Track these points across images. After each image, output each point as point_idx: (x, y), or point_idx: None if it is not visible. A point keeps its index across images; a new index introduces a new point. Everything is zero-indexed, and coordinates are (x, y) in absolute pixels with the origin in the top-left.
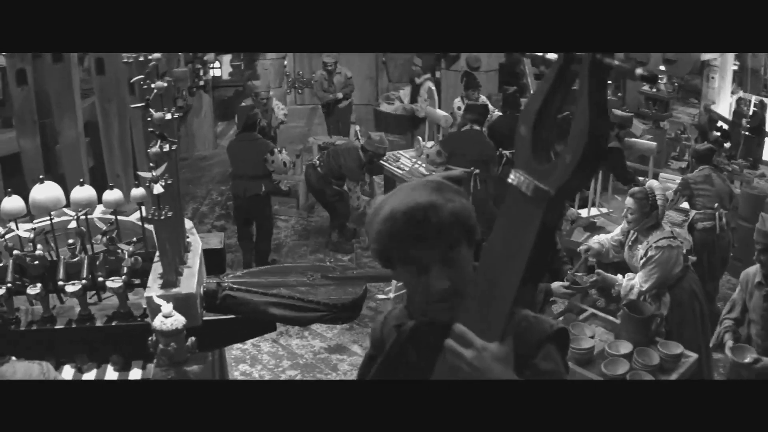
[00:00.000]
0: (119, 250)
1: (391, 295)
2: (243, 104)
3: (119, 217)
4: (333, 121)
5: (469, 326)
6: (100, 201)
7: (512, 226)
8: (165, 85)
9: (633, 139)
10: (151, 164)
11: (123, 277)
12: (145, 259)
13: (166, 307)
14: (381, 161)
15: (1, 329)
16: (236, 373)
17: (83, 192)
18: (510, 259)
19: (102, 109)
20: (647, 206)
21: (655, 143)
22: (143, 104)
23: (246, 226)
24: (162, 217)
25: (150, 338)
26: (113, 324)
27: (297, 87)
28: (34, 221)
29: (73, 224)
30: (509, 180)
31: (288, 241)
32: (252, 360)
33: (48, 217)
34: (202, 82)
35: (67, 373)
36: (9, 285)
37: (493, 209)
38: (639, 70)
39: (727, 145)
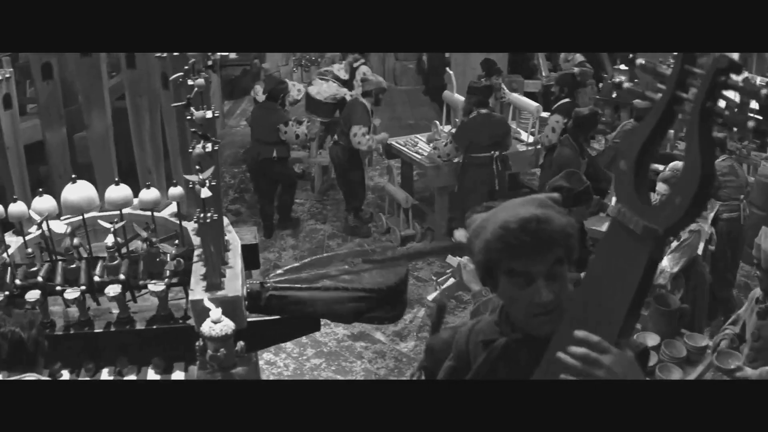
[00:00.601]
0: (161, 252)
1: (444, 286)
2: (271, 74)
3: (145, 212)
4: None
5: (569, 343)
6: None
7: (617, 258)
8: (204, 83)
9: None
10: (197, 166)
11: (166, 279)
12: (182, 257)
13: (215, 312)
14: (399, 146)
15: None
16: (261, 362)
17: (119, 191)
18: (615, 290)
19: (132, 104)
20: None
21: (671, 130)
22: (184, 103)
23: (262, 189)
24: (208, 220)
25: (197, 343)
26: (154, 327)
27: (303, 65)
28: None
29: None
30: (610, 213)
31: (305, 225)
32: (276, 349)
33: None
34: (210, 62)
35: (107, 377)
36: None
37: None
38: (751, 123)
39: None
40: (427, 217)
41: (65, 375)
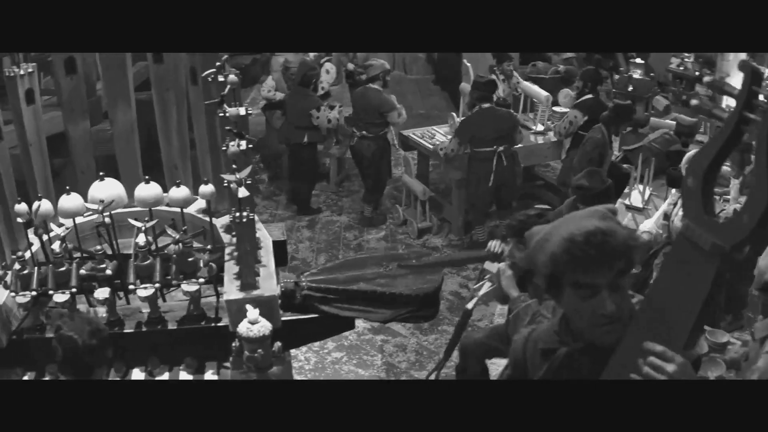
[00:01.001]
0: (194, 253)
1: (481, 292)
2: (305, 59)
3: (169, 209)
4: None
5: (634, 353)
6: None
7: (683, 272)
8: (236, 79)
9: (658, 120)
10: (233, 165)
11: (201, 280)
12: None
13: (253, 312)
14: (416, 138)
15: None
16: None
17: (149, 190)
18: (682, 303)
19: (159, 99)
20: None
21: (673, 123)
22: (218, 100)
23: (292, 170)
24: (245, 220)
25: (234, 344)
26: (186, 327)
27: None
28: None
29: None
30: (680, 226)
31: (321, 217)
32: None
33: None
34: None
35: (138, 377)
36: (74, 289)
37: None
38: None
39: None
40: (444, 209)
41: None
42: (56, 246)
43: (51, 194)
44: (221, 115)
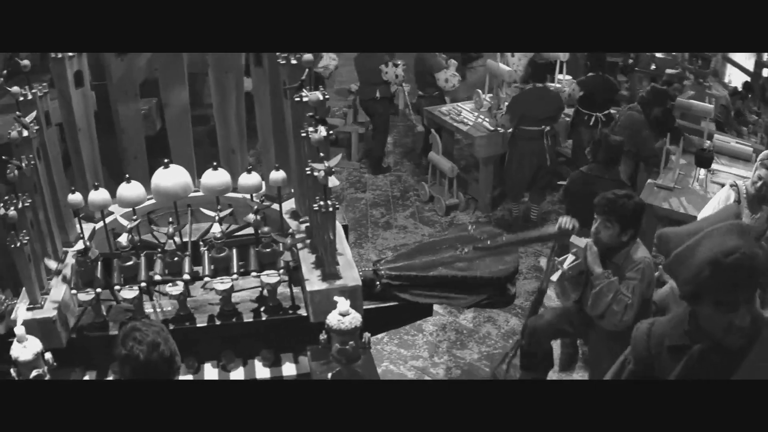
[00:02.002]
0: (274, 243)
1: (566, 265)
2: None
3: (231, 195)
4: None
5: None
6: None
7: None
8: (312, 59)
9: (690, 101)
10: (321, 154)
11: (281, 271)
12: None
13: (343, 304)
14: (442, 115)
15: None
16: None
17: (218, 177)
18: None
19: (217, 82)
20: None
21: (712, 106)
22: (297, 84)
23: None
24: (330, 209)
25: (322, 336)
26: (263, 318)
27: None
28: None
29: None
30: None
31: (345, 194)
32: None
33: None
34: None
35: (211, 372)
36: (143, 283)
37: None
38: None
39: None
40: (470, 186)
41: None
42: (123, 239)
43: (100, 182)
44: (297, 99)
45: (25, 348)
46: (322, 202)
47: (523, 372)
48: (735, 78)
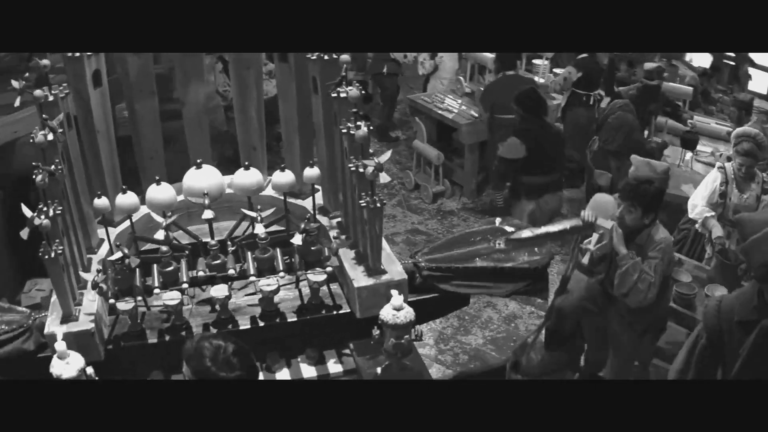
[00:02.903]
0: (318, 242)
1: (592, 247)
2: None
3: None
4: None
5: None
6: None
7: None
8: (349, 59)
9: (670, 84)
10: (371, 150)
11: (327, 269)
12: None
13: (398, 298)
14: (425, 102)
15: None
16: None
17: (250, 177)
18: None
19: (238, 77)
20: (757, 153)
21: (691, 88)
22: (338, 81)
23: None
24: (378, 205)
25: (375, 331)
26: (308, 317)
27: None
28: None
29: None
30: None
31: None
32: None
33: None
34: None
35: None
36: (186, 284)
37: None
38: None
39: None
40: (454, 173)
41: None
42: (160, 234)
43: (118, 186)
44: (335, 95)
45: (68, 364)
46: (369, 198)
47: (547, 353)
48: (698, 58)
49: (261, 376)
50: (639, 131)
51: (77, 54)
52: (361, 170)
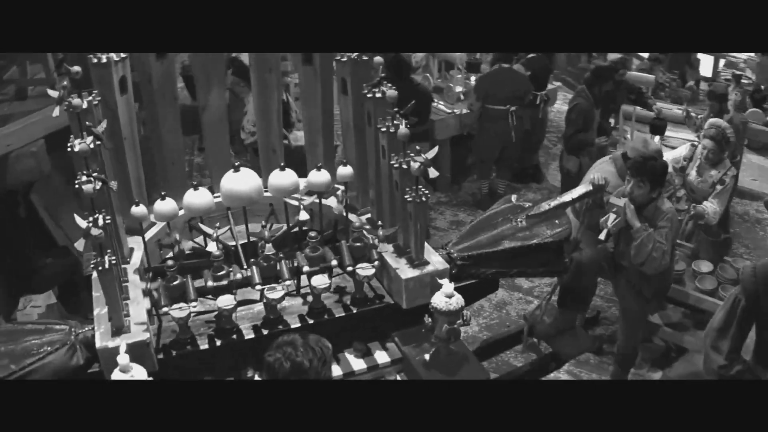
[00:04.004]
0: (365, 238)
1: (610, 224)
2: None
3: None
4: None
5: None
6: None
7: None
8: (382, 60)
9: (632, 73)
10: (418, 147)
11: (375, 262)
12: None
13: (448, 286)
14: None
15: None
16: None
17: (286, 177)
18: None
19: (260, 80)
20: (723, 143)
21: (653, 77)
22: (376, 81)
23: None
24: (423, 199)
25: (427, 320)
26: (355, 311)
27: None
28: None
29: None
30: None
31: None
32: None
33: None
34: None
35: None
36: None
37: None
38: None
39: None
40: None
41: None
42: (213, 248)
43: (143, 194)
44: (369, 96)
45: (133, 378)
46: (414, 193)
47: (560, 313)
48: None
49: None
50: (592, 110)
51: (104, 60)
52: (405, 167)
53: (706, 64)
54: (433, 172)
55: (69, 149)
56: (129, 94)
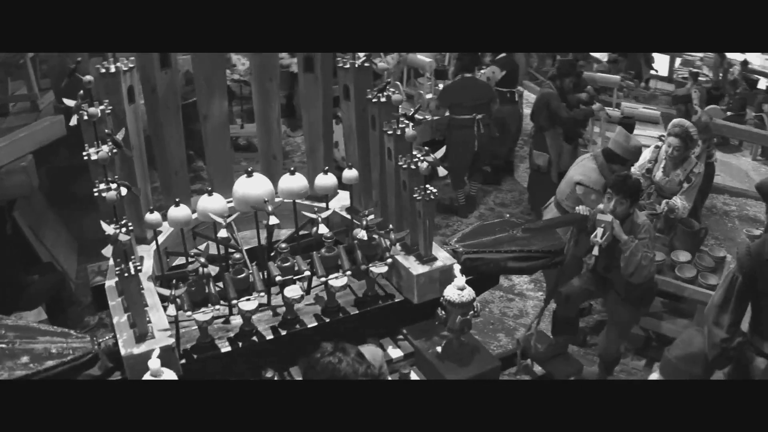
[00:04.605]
0: (375, 237)
1: (601, 240)
2: None
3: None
4: None
5: None
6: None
7: None
8: (387, 66)
9: (594, 74)
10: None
11: (388, 260)
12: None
13: (461, 279)
14: None
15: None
16: None
17: (295, 181)
18: None
19: (260, 89)
20: (688, 141)
21: (618, 76)
22: (382, 86)
23: None
24: (432, 197)
25: (440, 312)
26: (368, 309)
27: None
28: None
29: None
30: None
31: None
32: None
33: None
34: None
35: None
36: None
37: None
38: None
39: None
40: None
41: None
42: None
43: (149, 201)
44: (374, 100)
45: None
46: (424, 192)
47: (554, 338)
48: None
49: None
50: (557, 100)
51: (112, 70)
52: (414, 167)
53: (661, 63)
54: (441, 171)
55: (85, 157)
56: (136, 104)
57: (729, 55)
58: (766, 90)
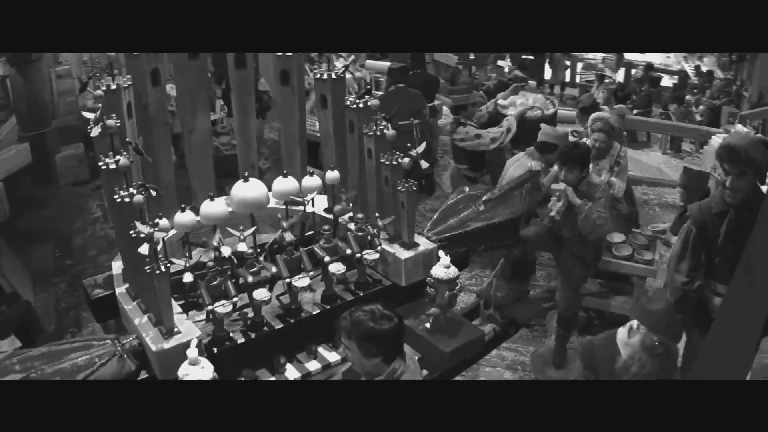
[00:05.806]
0: (364, 227)
1: (558, 207)
2: None
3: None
4: None
5: None
6: None
7: None
8: (363, 75)
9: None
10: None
11: (379, 247)
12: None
13: (445, 258)
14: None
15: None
16: None
17: (287, 184)
18: None
19: (240, 104)
20: (610, 131)
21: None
22: (363, 92)
23: None
24: (414, 189)
25: (430, 290)
26: (362, 294)
27: None
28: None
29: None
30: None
31: None
32: None
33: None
34: None
35: (313, 365)
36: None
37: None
38: None
39: None
40: None
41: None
42: (244, 247)
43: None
44: (354, 106)
45: (204, 369)
46: (406, 184)
47: (513, 284)
48: None
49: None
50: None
51: (113, 87)
52: (395, 163)
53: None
54: (424, 164)
55: (103, 167)
56: (134, 119)
57: (628, 56)
58: (672, 88)
